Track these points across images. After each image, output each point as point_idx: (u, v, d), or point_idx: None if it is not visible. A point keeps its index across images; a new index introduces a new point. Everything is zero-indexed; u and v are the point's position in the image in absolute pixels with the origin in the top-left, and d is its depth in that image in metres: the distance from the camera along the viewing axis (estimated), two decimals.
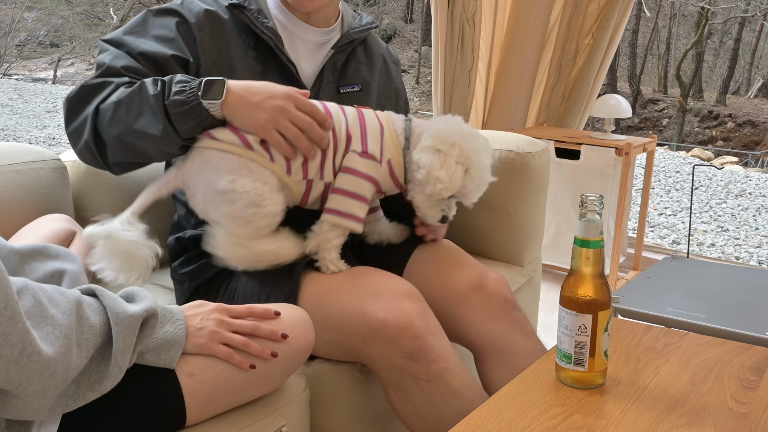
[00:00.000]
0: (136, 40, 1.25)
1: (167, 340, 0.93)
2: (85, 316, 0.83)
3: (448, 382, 1.15)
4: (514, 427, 0.88)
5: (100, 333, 0.84)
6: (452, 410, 1.14)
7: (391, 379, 1.17)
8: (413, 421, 1.18)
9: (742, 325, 1.38)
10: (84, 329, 0.82)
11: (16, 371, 0.73)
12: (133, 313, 0.87)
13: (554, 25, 2.97)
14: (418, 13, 16.15)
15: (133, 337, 0.86)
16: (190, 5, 1.29)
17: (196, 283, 1.33)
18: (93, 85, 1.20)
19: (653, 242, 3.95)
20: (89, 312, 0.84)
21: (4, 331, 0.71)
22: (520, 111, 3.00)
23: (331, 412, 1.25)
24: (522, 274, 1.77)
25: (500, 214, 1.75)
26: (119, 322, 0.85)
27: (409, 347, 1.13)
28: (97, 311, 0.85)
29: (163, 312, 0.95)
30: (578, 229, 0.95)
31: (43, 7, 19.56)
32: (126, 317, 0.86)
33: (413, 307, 1.16)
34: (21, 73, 17.68)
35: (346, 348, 1.20)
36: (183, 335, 0.95)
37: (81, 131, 1.19)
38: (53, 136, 8.27)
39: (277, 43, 1.30)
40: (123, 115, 1.14)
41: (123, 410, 0.91)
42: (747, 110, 14.21)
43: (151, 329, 0.90)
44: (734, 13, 15.72)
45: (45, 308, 0.78)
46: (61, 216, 1.35)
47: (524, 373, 1.03)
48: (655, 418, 0.91)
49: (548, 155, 1.82)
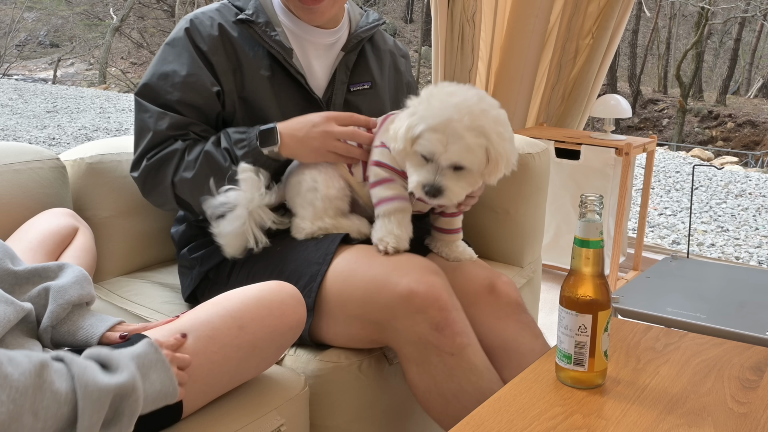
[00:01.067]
0: (167, 87, 1.33)
1: (158, 391, 0.86)
2: (48, 381, 0.73)
3: (470, 358, 1.17)
4: (514, 427, 0.88)
5: (65, 401, 0.75)
6: (472, 386, 1.16)
7: (414, 352, 1.18)
8: (431, 397, 1.19)
9: (742, 325, 1.38)
10: (45, 395, 0.73)
11: None
12: (104, 385, 0.77)
13: (554, 25, 2.97)
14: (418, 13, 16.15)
15: (101, 413, 0.76)
16: (200, 27, 1.35)
17: (207, 266, 1.37)
18: (158, 161, 1.32)
19: (653, 242, 3.95)
20: (55, 377, 0.75)
21: None
22: (520, 111, 3.00)
23: (330, 411, 1.24)
24: (522, 274, 1.77)
25: (500, 215, 1.75)
26: (87, 395, 0.75)
27: (436, 318, 1.15)
28: (65, 378, 0.76)
29: (142, 362, 0.85)
30: (578, 229, 0.95)
31: (43, 7, 19.56)
32: (95, 389, 0.76)
33: (441, 281, 1.20)
34: (21, 73, 17.68)
35: (370, 322, 1.21)
36: (170, 375, 0.87)
37: (163, 200, 1.36)
38: (53, 136, 8.27)
39: (285, 56, 1.36)
40: (202, 185, 1.27)
41: None
42: (747, 110, 14.21)
43: (136, 403, 0.81)
44: (734, 13, 15.71)
45: (1, 365, 0.71)
46: (64, 210, 1.34)
47: (524, 373, 1.03)
48: (655, 418, 0.90)
49: (548, 156, 1.82)
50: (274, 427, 1.07)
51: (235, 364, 1.01)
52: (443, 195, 1.18)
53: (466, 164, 1.17)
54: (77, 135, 8.42)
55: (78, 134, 8.47)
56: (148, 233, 1.65)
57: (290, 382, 1.15)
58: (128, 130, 9.00)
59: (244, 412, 1.05)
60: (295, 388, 1.15)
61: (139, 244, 1.64)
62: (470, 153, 1.15)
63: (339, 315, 1.22)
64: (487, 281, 1.34)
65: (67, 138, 8.22)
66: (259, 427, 1.05)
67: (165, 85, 1.33)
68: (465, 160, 1.16)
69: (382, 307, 1.18)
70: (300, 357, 1.25)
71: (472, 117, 1.15)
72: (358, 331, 1.23)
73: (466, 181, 1.20)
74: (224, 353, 0.99)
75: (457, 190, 1.19)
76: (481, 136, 1.16)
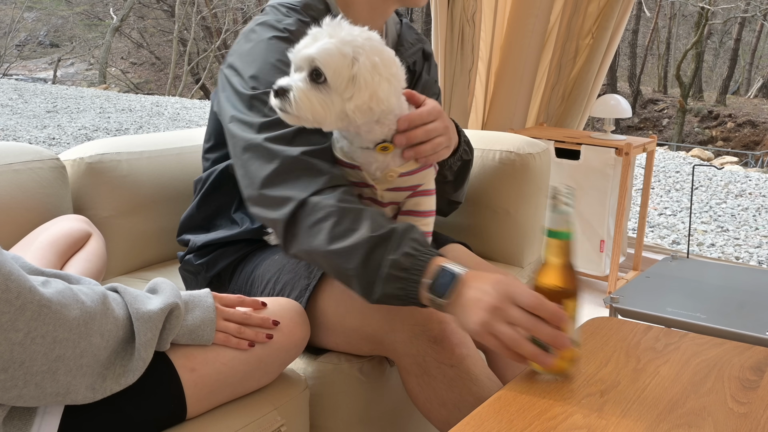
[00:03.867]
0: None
1: (197, 326, 0.97)
2: (110, 308, 0.87)
3: (469, 368, 1.16)
4: (514, 427, 0.88)
5: (122, 326, 0.88)
6: (473, 396, 1.15)
7: (413, 365, 1.17)
8: (433, 407, 1.18)
9: (742, 325, 1.38)
10: (108, 320, 0.86)
11: (19, 352, 0.78)
12: (153, 310, 0.91)
13: (554, 25, 2.97)
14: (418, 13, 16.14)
15: (156, 331, 0.91)
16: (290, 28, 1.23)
17: (213, 272, 1.36)
18: (311, 222, 1.09)
19: (653, 242, 3.95)
20: (114, 305, 0.89)
21: (11, 318, 0.76)
22: (520, 111, 3.00)
23: (331, 412, 1.24)
24: (522, 275, 1.77)
25: (500, 215, 1.75)
26: (139, 317, 0.89)
27: (435, 331, 1.14)
28: (120, 305, 0.90)
29: (189, 299, 0.99)
30: (549, 221, 0.97)
31: (43, 7, 19.57)
32: (145, 313, 0.90)
33: None
34: (21, 73, 17.69)
35: (368, 335, 1.20)
36: (213, 317, 0.99)
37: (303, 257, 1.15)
38: (53, 136, 8.27)
39: None
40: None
41: (123, 405, 0.91)
42: (747, 110, 14.22)
43: (177, 319, 0.94)
44: (734, 13, 15.72)
45: (76, 294, 0.84)
46: (78, 216, 1.36)
47: (524, 373, 1.02)
48: (655, 418, 0.90)
49: (548, 156, 1.82)
50: (274, 428, 1.07)
51: (240, 376, 1.03)
52: (288, 96, 1.04)
53: (323, 67, 1.02)
54: (77, 135, 8.42)
55: (78, 134, 8.47)
56: (147, 233, 1.65)
57: (291, 383, 1.16)
58: (128, 130, 9.01)
59: (245, 411, 1.05)
60: (296, 388, 1.15)
61: (139, 244, 1.64)
62: (330, 56, 1.02)
63: (338, 327, 1.22)
64: None
65: (67, 138, 8.22)
66: (259, 427, 1.05)
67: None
68: (322, 61, 1.02)
69: (381, 320, 1.17)
70: (300, 358, 1.25)
71: (350, 36, 1.04)
72: (357, 342, 1.23)
73: (323, 95, 1.04)
74: (232, 365, 1.01)
75: (306, 98, 1.03)
76: (348, 47, 1.03)
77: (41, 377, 0.80)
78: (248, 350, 1.03)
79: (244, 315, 1.04)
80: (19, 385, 0.79)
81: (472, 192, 1.72)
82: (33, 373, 0.80)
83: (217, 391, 1.01)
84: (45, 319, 0.79)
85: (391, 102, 1.07)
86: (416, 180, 1.20)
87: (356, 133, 1.13)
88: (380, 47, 1.08)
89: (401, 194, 1.22)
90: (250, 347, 1.03)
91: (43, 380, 0.81)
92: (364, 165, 1.17)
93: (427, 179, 1.22)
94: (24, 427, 0.85)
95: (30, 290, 0.78)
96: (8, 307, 0.76)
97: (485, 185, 1.73)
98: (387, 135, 1.13)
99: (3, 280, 0.75)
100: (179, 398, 0.96)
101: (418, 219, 1.23)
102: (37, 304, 0.78)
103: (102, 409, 0.90)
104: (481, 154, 1.73)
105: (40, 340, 0.79)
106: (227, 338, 1.01)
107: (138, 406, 0.93)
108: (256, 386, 1.09)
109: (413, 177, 1.19)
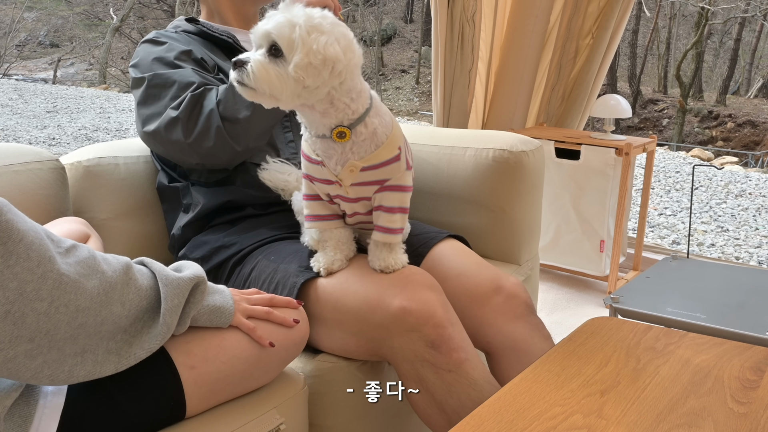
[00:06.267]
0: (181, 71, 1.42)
1: (217, 307, 1.01)
2: (133, 278, 0.89)
3: (468, 373, 1.16)
4: (514, 427, 0.87)
5: (145, 296, 0.90)
6: (472, 401, 1.14)
7: (411, 371, 1.17)
8: (432, 413, 1.18)
9: (742, 325, 1.38)
10: (130, 290, 0.88)
11: (44, 321, 0.79)
12: (182, 277, 0.94)
13: (554, 25, 2.97)
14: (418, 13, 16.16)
15: (182, 298, 0.93)
16: (175, 44, 1.48)
17: (208, 266, 1.37)
18: (197, 95, 1.36)
19: (653, 242, 3.95)
20: (138, 275, 0.91)
21: (35, 288, 0.78)
22: (520, 111, 3.00)
23: (330, 410, 1.24)
24: (519, 272, 1.76)
25: (496, 213, 1.75)
26: (167, 284, 0.92)
27: (431, 336, 1.14)
28: (146, 276, 0.92)
29: (211, 285, 1.02)
30: None
31: (43, 7, 19.58)
32: (174, 280, 0.93)
33: (435, 297, 1.18)
34: (21, 73, 17.69)
35: (366, 339, 1.20)
36: (231, 303, 1.03)
37: (206, 128, 1.34)
38: (53, 137, 8.27)
39: (233, 41, 1.53)
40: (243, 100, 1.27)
41: (123, 402, 0.92)
42: (747, 110, 14.22)
43: (202, 293, 0.97)
44: (734, 13, 15.72)
45: (98, 263, 0.86)
46: (76, 219, 1.36)
47: (524, 373, 1.02)
48: (655, 418, 0.90)
49: (542, 153, 1.82)
50: (273, 426, 1.07)
51: (239, 375, 1.04)
52: (245, 67, 1.07)
53: (278, 39, 1.05)
54: (77, 135, 8.42)
55: (78, 134, 8.47)
56: (145, 235, 1.64)
57: (290, 381, 1.15)
58: (128, 130, 9.00)
59: (244, 410, 1.05)
60: (295, 387, 1.15)
61: (137, 246, 1.64)
62: (283, 27, 1.05)
63: (336, 331, 1.22)
64: (496, 282, 1.33)
65: (67, 138, 8.22)
66: (259, 426, 1.05)
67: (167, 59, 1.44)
68: (277, 34, 1.05)
69: (377, 326, 1.17)
70: (299, 357, 1.25)
71: (303, 12, 1.07)
72: (356, 346, 1.23)
73: (280, 69, 1.06)
74: (231, 364, 1.02)
75: (264, 69, 1.06)
76: (300, 19, 1.06)
77: (63, 343, 0.82)
78: (248, 349, 1.03)
79: (266, 312, 1.09)
80: (43, 352, 0.81)
81: (467, 190, 1.72)
82: (56, 339, 0.81)
83: (216, 389, 1.01)
84: (66, 288, 0.80)
85: (329, 52, 1.04)
86: (381, 175, 1.20)
87: (313, 119, 1.15)
88: (334, 20, 1.09)
89: (368, 189, 1.22)
90: (271, 346, 1.06)
91: (65, 345, 0.83)
92: (325, 159, 1.18)
93: (397, 175, 1.21)
94: (24, 424, 0.85)
95: (49, 260, 0.79)
96: (31, 275, 0.77)
97: (480, 184, 1.72)
98: (342, 120, 1.13)
99: (24, 249, 0.76)
100: (179, 396, 0.96)
101: (387, 215, 1.23)
102: (57, 272, 0.80)
103: (101, 406, 0.90)
104: (474, 152, 1.73)
105: (64, 309, 0.80)
106: (253, 328, 1.04)
107: (137, 403, 0.93)
108: (256, 385, 1.09)
109: (377, 171, 1.19)
